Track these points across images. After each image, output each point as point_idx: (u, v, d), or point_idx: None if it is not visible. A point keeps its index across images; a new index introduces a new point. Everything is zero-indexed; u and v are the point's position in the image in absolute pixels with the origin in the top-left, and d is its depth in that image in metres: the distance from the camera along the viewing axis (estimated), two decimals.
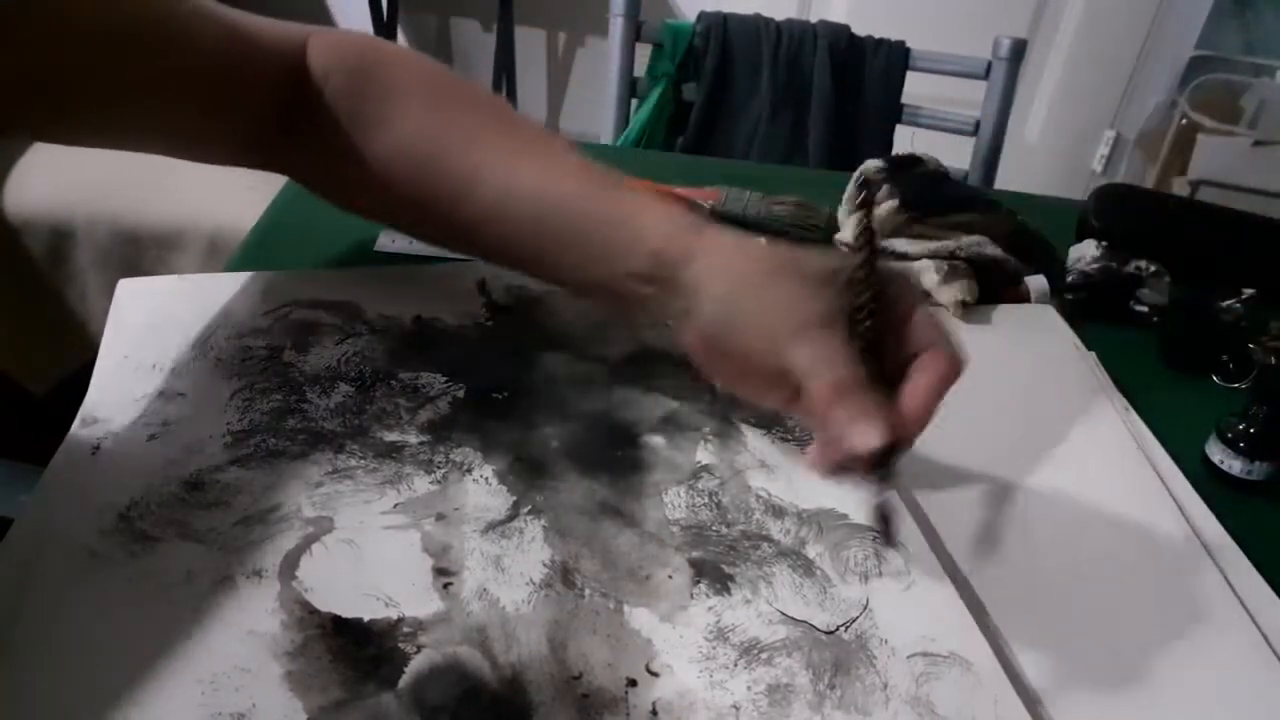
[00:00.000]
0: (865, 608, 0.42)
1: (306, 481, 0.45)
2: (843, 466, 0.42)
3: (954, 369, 0.42)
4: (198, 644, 0.38)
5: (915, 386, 0.41)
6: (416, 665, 0.38)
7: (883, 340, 0.42)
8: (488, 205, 0.51)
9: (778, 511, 0.46)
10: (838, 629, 0.41)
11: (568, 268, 0.50)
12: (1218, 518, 0.50)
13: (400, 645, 0.39)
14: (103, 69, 0.44)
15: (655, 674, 0.39)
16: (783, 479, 0.49)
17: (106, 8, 0.44)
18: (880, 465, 0.40)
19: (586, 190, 0.49)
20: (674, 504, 0.46)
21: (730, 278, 0.44)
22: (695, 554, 0.44)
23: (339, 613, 0.39)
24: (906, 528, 0.46)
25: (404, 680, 0.37)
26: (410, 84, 0.53)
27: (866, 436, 0.39)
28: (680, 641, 0.40)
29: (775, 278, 0.43)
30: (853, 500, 0.47)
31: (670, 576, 0.43)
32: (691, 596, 0.42)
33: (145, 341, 0.52)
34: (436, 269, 0.62)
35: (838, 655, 0.40)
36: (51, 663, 0.37)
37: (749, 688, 0.38)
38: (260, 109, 0.52)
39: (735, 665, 0.39)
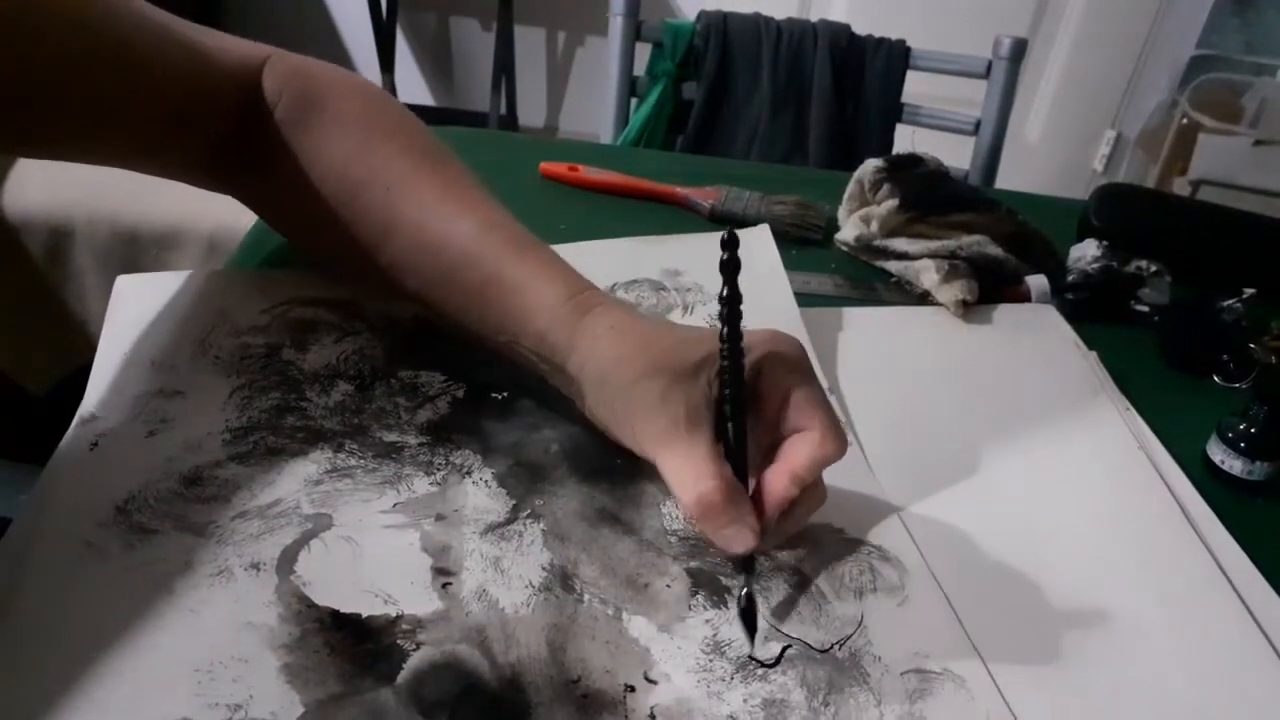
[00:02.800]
0: (860, 624, 0.42)
1: (305, 479, 0.45)
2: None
3: (823, 451, 0.42)
4: (195, 634, 0.38)
5: (775, 473, 0.43)
6: (415, 662, 0.38)
7: (757, 423, 0.43)
8: (399, 254, 0.51)
9: None
10: (831, 647, 0.41)
11: (474, 327, 0.50)
12: (1219, 518, 0.50)
13: (399, 642, 0.39)
14: (65, 87, 0.44)
15: (653, 681, 0.39)
16: None
17: (71, 26, 0.43)
18: (743, 563, 0.42)
19: (490, 251, 0.48)
20: (672, 514, 0.46)
21: (602, 372, 0.44)
22: (693, 564, 0.44)
23: (337, 608, 0.39)
24: (901, 543, 0.46)
25: (402, 676, 0.37)
26: (348, 116, 0.52)
27: (730, 546, 0.41)
28: (678, 652, 0.40)
29: (644, 377, 0.43)
30: (848, 517, 0.47)
31: (669, 585, 0.43)
32: (689, 608, 0.42)
33: (144, 338, 0.52)
34: None
35: (832, 673, 0.40)
36: (48, 652, 0.37)
37: (745, 700, 0.38)
38: (217, 129, 0.52)
39: (732, 678, 0.39)
